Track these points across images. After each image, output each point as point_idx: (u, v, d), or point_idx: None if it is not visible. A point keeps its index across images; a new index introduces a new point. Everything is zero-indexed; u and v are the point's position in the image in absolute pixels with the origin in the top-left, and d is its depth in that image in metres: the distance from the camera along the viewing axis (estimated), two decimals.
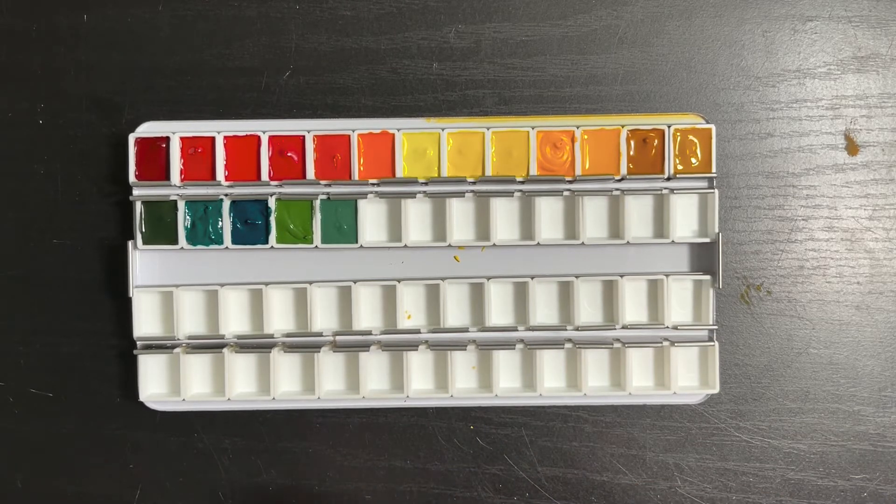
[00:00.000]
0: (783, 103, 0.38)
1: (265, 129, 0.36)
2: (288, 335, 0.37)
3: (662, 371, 0.37)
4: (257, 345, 0.37)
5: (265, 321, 0.37)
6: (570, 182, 0.36)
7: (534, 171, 0.36)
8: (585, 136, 0.36)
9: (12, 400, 0.38)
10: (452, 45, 0.38)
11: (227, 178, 0.37)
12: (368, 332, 0.37)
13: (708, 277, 0.36)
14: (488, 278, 0.37)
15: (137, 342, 0.37)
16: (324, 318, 0.37)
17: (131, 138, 0.36)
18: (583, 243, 0.36)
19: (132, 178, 0.36)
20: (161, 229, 0.37)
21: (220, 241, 0.37)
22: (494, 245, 0.37)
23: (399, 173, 0.36)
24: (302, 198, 0.36)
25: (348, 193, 0.36)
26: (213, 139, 0.36)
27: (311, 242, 0.37)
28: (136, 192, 0.37)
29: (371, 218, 0.37)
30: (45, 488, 0.38)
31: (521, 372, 0.38)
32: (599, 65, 0.38)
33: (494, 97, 0.38)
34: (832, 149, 0.38)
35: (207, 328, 0.37)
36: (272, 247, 0.37)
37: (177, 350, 0.37)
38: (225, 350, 0.37)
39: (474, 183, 0.37)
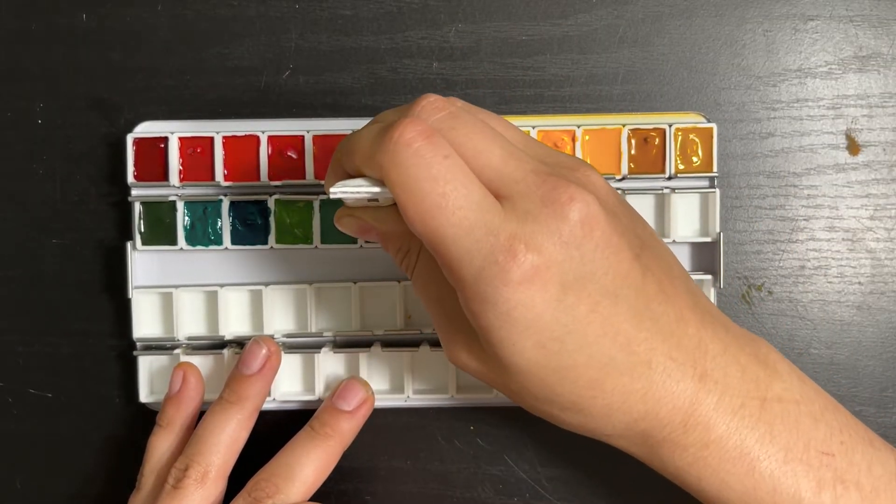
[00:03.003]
0: (784, 103, 0.38)
1: (264, 128, 0.36)
2: (288, 335, 0.37)
3: None
4: None
5: (265, 322, 0.37)
6: None
7: None
8: (586, 136, 0.36)
9: (11, 400, 0.38)
10: (452, 45, 0.38)
11: (226, 179, 0.36)
12: (369, 333, 0.37)
13: (709, 277, 0.36)
14: None
15: (137, 343, 0.37)
16: (324, 319, 0.37)
17: (129, 138, 0.36)
18: None
19: (130, 178, 0.36)
20: (160, 230, 0.36)
21: (219, 241, 0.37)
22: None
23: None
24: (302, 198, 0.36)
25: None
26: (212, 139, 0.36)
27: (311, 242, 0.37)
28: (134, 192, 0.37)
29: None
30: (44, 488, 0.38)
31: None
32: (600, 64, 0.38)
33: (494, 97, 0.37)
34: (833, 148, 0.38)
35: (207, 329, 0.37)
36: (272, 247, 0.37)
37: (177, 351, 0.37)
38: (225, 351, 0.36)
39: None
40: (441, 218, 0.25)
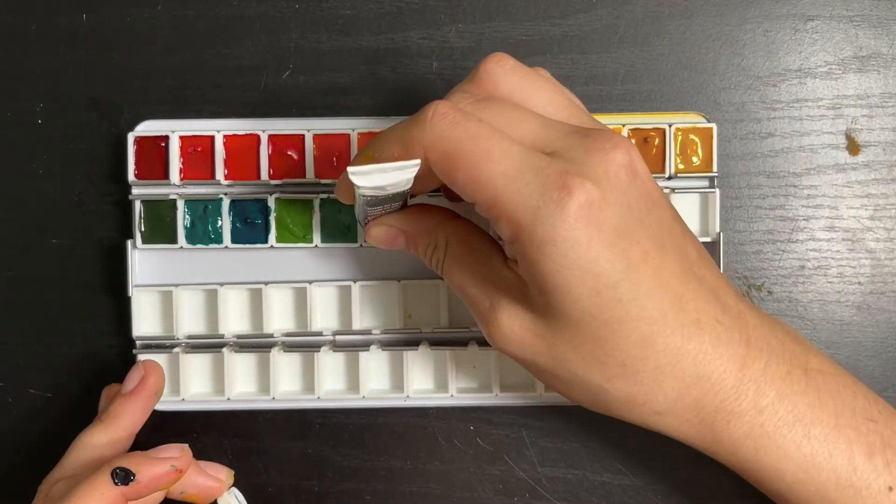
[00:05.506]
0: (784, 103, 0.38)
1: (265, 128, 0.36)
2: (288, 335, 0.37)
3: None
4: (257, 344, 0.37)
5: (265, 320, 0.37)
6: None
7: None
8: None
9: (11, 400, 0.38)
10: (452, 45, 0.38)
11: (226, 177, 0.36)
12: (368, 332, 0.37)
13: None
14: None
15: (136, 342, 0.37)
16: (324, 318, 0.37)
17: (130, 137, 0.36)
18: None
19: (131, 177, 0.36)
20: (160, 228, 0.36)
21: (219, 240, 0.37)
22: None
23: None
24: (302, 197, 0.36)
25: None
26: (212, 138, 0.36)
27: (311, 242, 0.37)
28: (135, 191, 0.37)
29: None
30: None
31: (521, 371, 0.37)
32: (600, 64, 0.38)
33: None
34: (833, 148, 0.38)
35: (207, 328, 0.37)
36: (272, 246, 0.37)
37: (176, 349, 0.37)
38: (224, 350, 0.36)
39: None
40: (489, 170, 0.26)
